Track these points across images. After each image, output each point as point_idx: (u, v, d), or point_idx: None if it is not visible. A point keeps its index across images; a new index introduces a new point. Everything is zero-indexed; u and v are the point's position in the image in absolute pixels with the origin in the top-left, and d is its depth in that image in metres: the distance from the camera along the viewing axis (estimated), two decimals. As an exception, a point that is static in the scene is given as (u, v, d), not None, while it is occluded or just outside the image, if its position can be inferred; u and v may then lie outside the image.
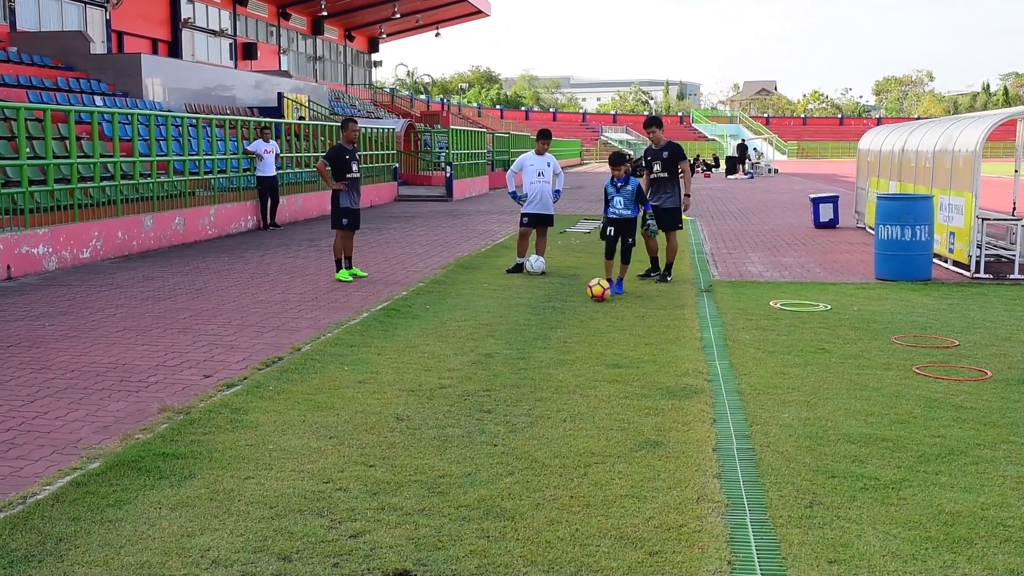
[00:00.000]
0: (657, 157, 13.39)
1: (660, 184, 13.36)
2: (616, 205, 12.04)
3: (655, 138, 13.50)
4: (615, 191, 12.06)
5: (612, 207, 12.05)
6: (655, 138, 13.50)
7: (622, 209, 12.01)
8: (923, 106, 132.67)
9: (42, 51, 26.98)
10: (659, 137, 13.52)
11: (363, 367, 8.00)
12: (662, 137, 13.57)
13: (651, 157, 13.48)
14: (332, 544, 4.49)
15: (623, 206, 12.01)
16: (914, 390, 7.29)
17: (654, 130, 13.58)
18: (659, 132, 13.58)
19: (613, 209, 12.05)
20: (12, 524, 4.66)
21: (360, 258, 14.80)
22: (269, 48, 48.02)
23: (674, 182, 13.34)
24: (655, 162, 13.39)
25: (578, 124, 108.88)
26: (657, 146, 13.45)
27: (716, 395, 7.19)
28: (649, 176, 13.47)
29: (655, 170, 13.38)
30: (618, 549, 4.45)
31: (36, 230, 14.02)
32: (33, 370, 7.95)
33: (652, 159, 13.46)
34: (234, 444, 5.96)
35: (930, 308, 10.92)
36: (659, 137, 13.52)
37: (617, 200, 12.04)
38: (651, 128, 13.64)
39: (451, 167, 32.91)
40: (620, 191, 12.04)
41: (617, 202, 12.03)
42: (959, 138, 14.29)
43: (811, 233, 20.24)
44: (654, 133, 13.55)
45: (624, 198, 12.02)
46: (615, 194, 12.06)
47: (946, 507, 4.95)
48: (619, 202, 12.02)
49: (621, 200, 12.02)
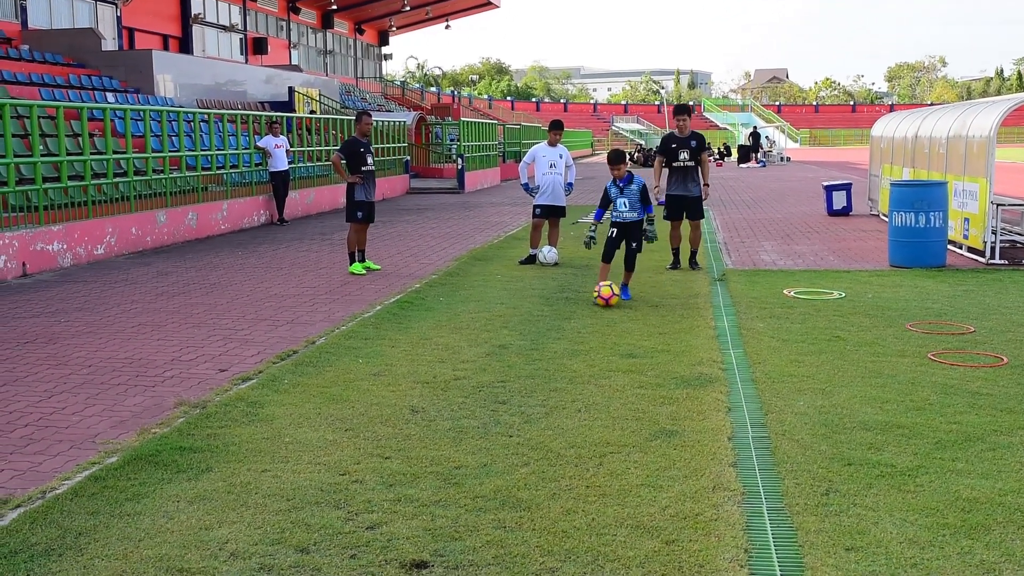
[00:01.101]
0: (684, 146, 13.14)
1: (685, 173, 13.16)
2: (620, 208, 10.82)
3: (684, 126, 13.27)
4: (618, 192, 10.84)
5: (615, 210, 10.86)
6: (684, 126, 13.27)
7: (627, 212, 10.79)
8: (936, 92, 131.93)
9: (54, 49, 27.07)
10: (687, 125, 13.32)
11: (378, 359, 8.02)
12: (689, 126, 13.39)
13: (676, 145, 13.19)
14: (349, 536, 4.51)
15: (628, 208, 10.78)
16: (930, 377, 7.26)
17: (685, 118, 13.38)
18: (689, 120, 13.42)
19: (616, 213, 10.86)
20: (32, 518, 4.70)
21: (373, 251, 14.82)
22: (279, 43, 48.05)
23: (697, 171, 13.19)
24: (682, 150, 13.13)
25: (589, 115, 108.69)
26: (683, 134, 13.21)
27: (731, 384, 7.19)
28: (670, 164, 13.23)
29: (681, 158, 13.12)
30: (634, 538, 4.46)
31: (50, 227, 14.09)
32: (50, 366, 8.00)
33: (678, 147, 13.16)
34: (250, 437, 5.98)
35: (945, 295, 10.88)
36: (687, 125, 13.32)
37: (621, 202, 10.80)
38: (683, 116, 13.43)
39: (462, 159, 32.90)
40: (624, 192, 10.81)
41: (621, 204, 10.80)
42: (973, 123, 14.21)
43: (824, 221, 20.17)
44: (684, 120, 13.34)
45: (629, 200, 10.78)
46: (618, 195, 10.83)
47: (963, 493, 4.94)
48: (623, 204, 10.78)
49: (626, 202, 10.78)
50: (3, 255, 13.02)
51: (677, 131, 13.31)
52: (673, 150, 13.20)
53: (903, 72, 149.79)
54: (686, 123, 13.31)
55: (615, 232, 10.83)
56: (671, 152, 13.21)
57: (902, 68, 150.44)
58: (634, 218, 10.79)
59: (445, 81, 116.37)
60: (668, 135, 13.56)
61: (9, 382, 7.48)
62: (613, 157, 10.87)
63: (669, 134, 13.53)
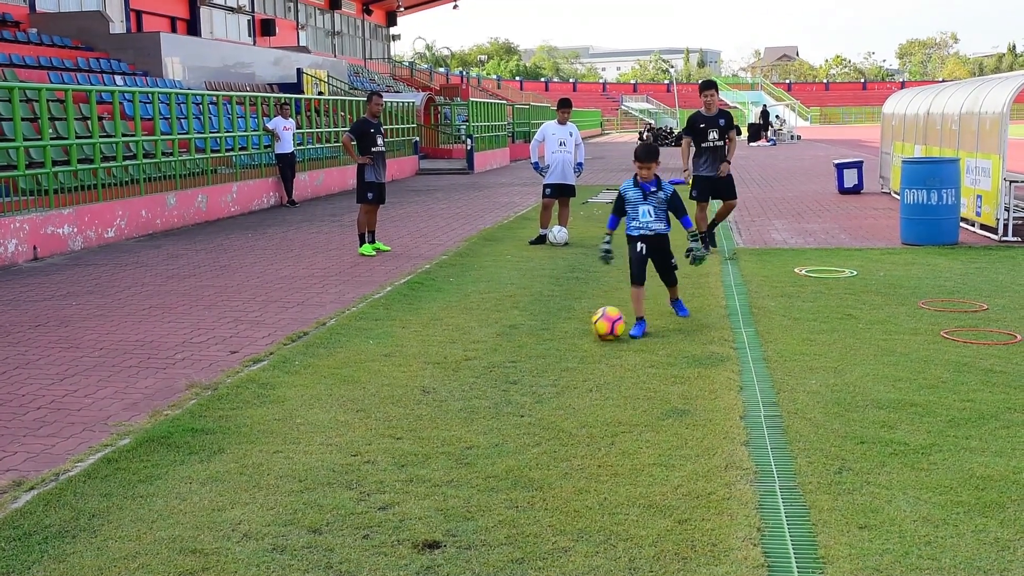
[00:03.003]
0: (713, 125, 12.45)
1: (715, 153, 12.49)
2: (643, 217, 8.46)
3: (711, 103, 12.53)
4: (641, 198, 8.43)
5: (638, 219, 8.50)
6: (711, 103, 12.53)
7: (652, 222, 8.48)
8: (948, 69, 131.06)
9: (62, 32, 27.05)
10: (715, 102, 12.60)
11: (388, 340, 8.02)
12: (716, 103, 12.68)
13: (705, 124, 12.47)
14: (362, 516, 4.51)
15: (653, 218, 8.47)
16: (942, 355, 7.23)
17: (712, 94, 12.64)
18: (716, 97, 12.69)
19: (639, 223, 8.50)
20: (46, 500, 4.71)
21: (383, 232, 14.81)
22: (287, 24, 47.95)
23: (725, 150, 12.58)
24: (711, 130, 12.44)
25: (598, 94, 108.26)
26: (710, 113, 12.52)
27: (743, 363, 7.16)
28: (698, 144, 12.55)
29: (711, 139, 12.44)
30: (647, 517, 4.45)
31: (61, 210, 14.10)
32: (62, 349, 8.02)
33: (707, 127, 12.45)
34: (262, 419, 5.99)
35: (957, 272, 10.82)
36: (715, 102, 12.60)
37: (645, 211, 8.45)
38: (709, 92, 12.65)
39: (471, 140, 32.82)
40: (649, 198, 8.43)
41: (645, 214, 8.45)
42: (985, 100, 14.10)
43: (835, 199, 20.08)
44: (712, 97, 12.59)
45: (654, 207, 8.46)
46: (641, 202, 8.44)
47: (977, 471, 4.92)
48: (647, 213, 8.46)
49: (650, 210, 8.45)
50: (14, 239, 13.05)
51: (704, 109, 12.61)
52: (702, 130, 12.49)
53: (914, 49, 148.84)
54: (713, 100, 12.57)
55: (644, 247, 8.52)
56: (700, 132, 12.52)
57: (913, 45, 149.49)
58: (661, 230, 8.56)
59: (454, 61, 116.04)
60: (695, 115, 12.79)
61: (21, 365, 7.50)
62: (643, 153, 8.42)
63: (696, 113, 12.78)
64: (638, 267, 8.48)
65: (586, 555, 4.10)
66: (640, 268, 8.46)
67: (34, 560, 4.11)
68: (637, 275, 8.46)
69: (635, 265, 8.51)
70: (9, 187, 13.74)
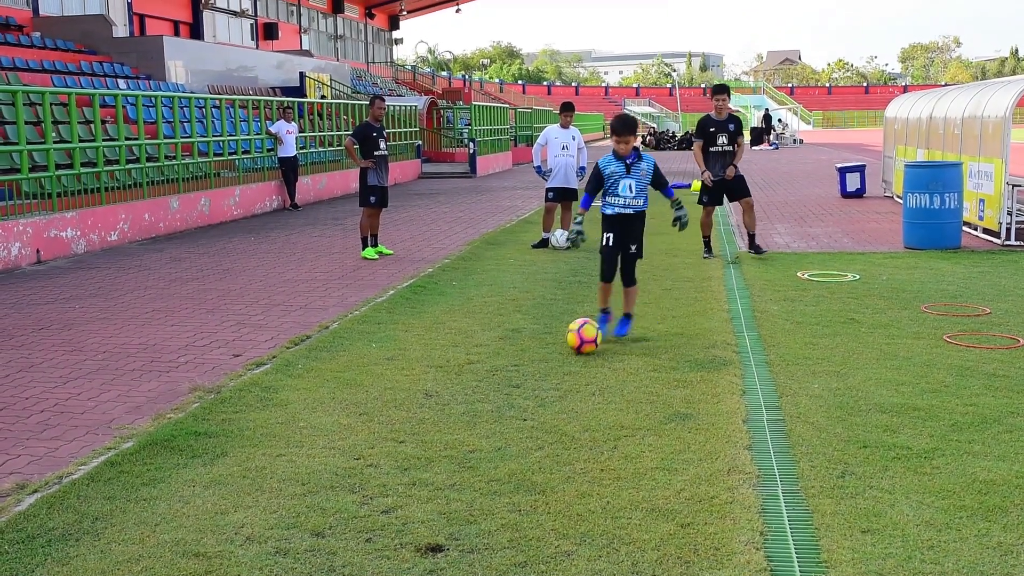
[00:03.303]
0: (723, 129, 12.35)
1: (723, 157, 12.37)
2: (623, 192, 7.97)
3: (722, 107, 12.41)
4: (624, 171, 7.97)
5: (616, 195, 8.00)
6: (722, 107, 12.41)
7: (633, 198, 8.00)
8: (950, 73, 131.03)
9: (65, 36, 27.07)
10: (726, 106, 12.47)
11: (391, 344, 8.02)
12: (727, 107, 12.55)
13: (715, 129, 12.36)
14: (364, 520, 4.51)
15: (635, 194, 7.99)
16: (945, 359, 7.22)
17: (724, 98, 12.45)
18: (727, 100, 12.55)
19: (617, 198, 8.00)
20: (49, 503, 4.72)
21: (385, 236, 14.82)
22: (290, 28, 47.98)
23: (735, 155, 12.46)
24: (720, 134, 12.32)
25: (600, 98, 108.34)
26: (720, 117, 12.42)
27: (745, 367, 7.16)
28: (707, 148, 12.42)
29: (720, 143, 12.33)
30: (650, 521, 4.45)
31: (64, 214, 14.12)
32: (65, 352, 8.03)
33: (716, 131, 12.34)
34: (265, 422, 6.00)
35: (960, 276, 10.82)
36: (726, 106, 12.47)
37: (626, 185, 7.96)
38: (721, 96, 12.45)
39: (474, 143, 32.84)
40: (632, 171, 7.97)
41: (625, 188, 7.96)
42: (988, 104, 14.10)
43: (838, 203, 20.07)
44: (723, 101, 12.43)
45: (636, 181, 7.98)
46: (623, 175, 7.96)
47: (980, 476, 4.91)
48: (628, 188, 7.96)
49: (632, 184, 7.96)
50: (17, 242, 13.07)
51: (714, 113, 12.48)
52: (711, 134, 12.38)
53: (917, 53, 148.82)
54: (724, 104, 12.43)
55: (612, 238, 8.07)
56: (709, 136, 12.41)
57: (916, 49, 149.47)
58: (640, 207, 8.09)
59: (456, 65, 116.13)
60: (705, 118, 12.65)
61: (25, 368, 7.51)
62: (619, 126, 7.97)
63: (706, 117, 12.64)
64: (608, 261, 8.10)
65: (589, 559, 4.10)
66: (610, 262, 8.10)
67: (37, 563, 4.11)
68: (607, 271, 8.10)
69: (605, 258, 8.11)
70: (12, 190, 13.75)
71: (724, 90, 12.67)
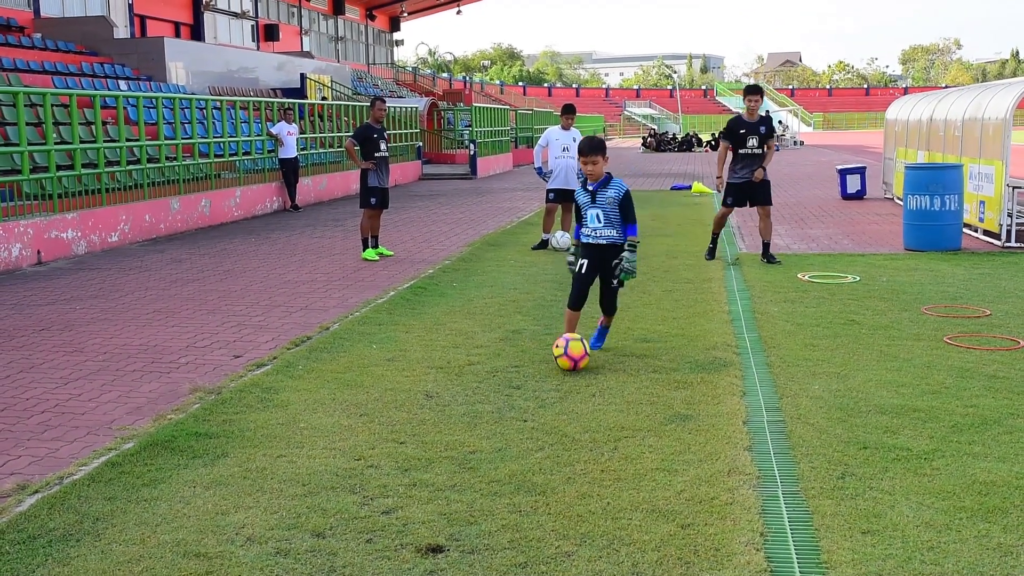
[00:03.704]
0: (754, 132, 11.93)
1: (753, 160, 11.98)
2: (592, 222, 7.38)
3: (754, 108, 11.97)
4: (588, 200, 7.38)
5: (587, 224, 7.44)
6: (754, 108, 11.97)
7: (601, 228, 7.35)
8: (951, 75, 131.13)
9: (66, 37, 27.10)
10: (757, 108, 12.03)
11: (391, 345, 8.03)
12: (759, 108, 12.12)
13: (745, 131, 11.94)
14: (365, 520, 4.52)
15: (602, 223, 7.34)
16: (945, 360, 7.23)
17: (757, 99, 12.03)
18: (760, 103, 12.10)
19: (587, 228, 7.44)
20: (50, 504, 4.72)
21: (386, 237, 14.82)
22: (291, 29, 48.01)
23: (764, 158, 12.07)
24: (751, 136, 11.92)
25: (601, 100, 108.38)
26: (751, 119, 11.99)
27: (745, 368, 7.17)
28: (736, 151, 12.05)
29: (750, 145, 11.93)
30: (650, 522, 4.46)
31: (65, 215, 14.13)
32: (66, 353, 8.04)
33: (747, 133, 11.93)
34: (265, 423, 6.00)
35: (960, 278, 10.82)
36: (757, 108, 12.03)
37: (593, 215, 7.35)
38: (754, 97, 12.03)
39: (475, 145, 32.86)
40: (597, 200, 7.31)
41: (593, 218, 7.36)
42: (988, 106, 14.11)
43: (838, 205, 20.08)
44: (756, 102, 11.99)
45: (603, 211, 7.32)
46: (589, 205, 7.37)
47: (980, 477, 4.92)
48: (595, 218, 7.35)
49: (599, 214, 7.32)
50: (18, 243, 13.08)
51: (745, 114, 12.08)
52: (741, 136, 11.96)
53: (917, 55, 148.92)
54: (757, 105, 11.98)
55: (586, 264, 7.46)
56: (739, 138, 11.98)
57: (916, 51, 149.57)
58: (612, 238, 7.37)
59: (457, 67, 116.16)
60: (735, 119, 12.24)
61: (26, 369, 7.52)
62: (585, 146, 7.37)
63: (736, 118, 12.22)
64: (577, 288, 7.47)
65: (589, 560, 4.10)
66: (582, 289, 7.45)
67: (38, 563, 4.12)
68: (575, 297, 7.46)
69: (574, 284, 7.50)
70: (13, 191, 13.77)
71: (757, 91, 12.26)
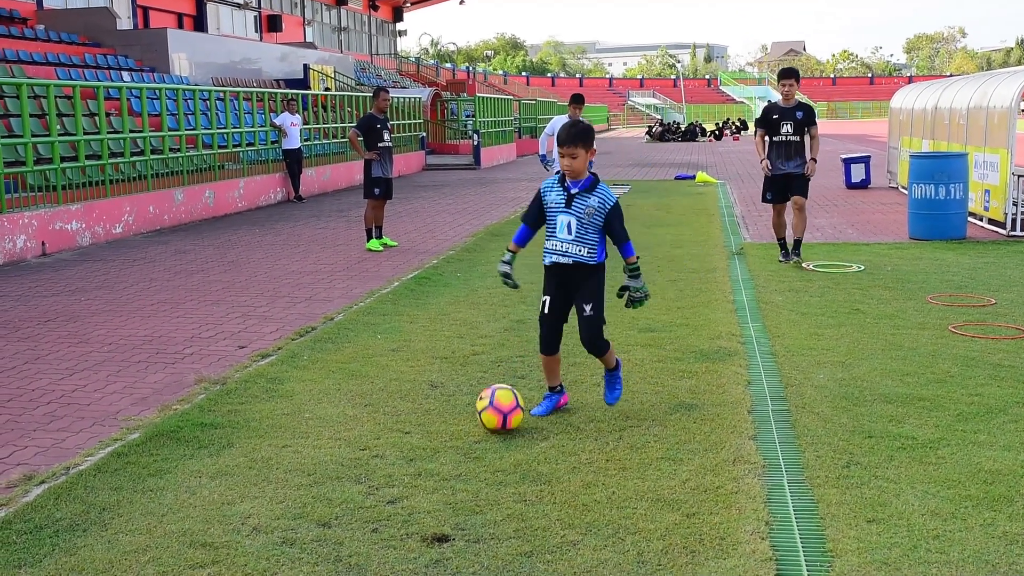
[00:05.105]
0: (788, 117, 11.14)
1: (789, 149, 11.19)
2: (560, 233, 5.64)
3: (790, 93, 11.22)
4: (561, 202, 5.62)
5: (554, 235, 5.69)
6: (790, 93, 11.22)
7: (570, 244, 5.62)
8: (955, 63, 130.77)
9: (69, 28, 27.10)
10: (793, 93, 11.26)
11: (396, 335, 8.03)
12: (795, 93, 11.36)
13: (779, 116, 11.18)
14: (370, 510, 4.52)
15: (574, 236, 5.60)
16: (951, 349, 7.22)
17: (792, 83, 11.26)
18: (796, 87, 11.33)
19: (553, 241, 5.69)
20: (56, 494, 4.74)
21: (390, 227, 14.82)
22: (294, 20, 47.95)
23: (802, 146, 11.27)
24: (785, 122, 11.13)
25: (604, 89, 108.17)
26: (787, 104, 11.22)
27: (750, 357, 7.16)
28: (771, 138, 11.27)
29: (784, 132, 11.15)
30: (655, 511, 4.46)
31: (69, 206, 14.14)
32: (71, 344, 8.05)
33: (781, 119, 11.16)
34: (271, 413, 6.01)
35: (965, 267, 10.80)
36: (793, 93, 11.26)
37: (564, 224, 5.62)
38: (789, 81, 11.26)
39: (478, 135, 32.82)
40: (574, 204, 5.59)
41: (563, 228, 5.62)
42: (994, 94, 14.07)
43: (843, 194, 20.04)
44: (792, 87, 11.25)
45: (579, 219, 5.59)
46: (561, 209, 5.63)
47: (985, 465, 4.91)
48: (566, 228, 5.61)
49: (572, 224, 5.59)
50: (23, 235, 13.09)
51: (781, 99, 11.35)
52: (775, 122, 11.23)
53: (922, 43, 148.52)
54: (792, 90, 11.22)
55: (548, 303, 5.84)
56: (772, 124, 11.26)
57: (921, 39, 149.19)
58: (580, 258, 5.64)
59: (460, 57, 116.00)
60: (769, 106, 11.53)
61: (31, 360, 7.53)
62: (564, 135, 5.61)
63: (770, 104, 11.52)
64: (547, 329, 5.87)
65: (594, 549, 4.11)
66: (548, 331, 5.86)
67: (45, 553, 4.13)
68: (545, 339, 5.88)
69: (542, 325, 5.89)
70: (17, 183, 13.78)
71: (791, 74, 11.47)
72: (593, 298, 5.74)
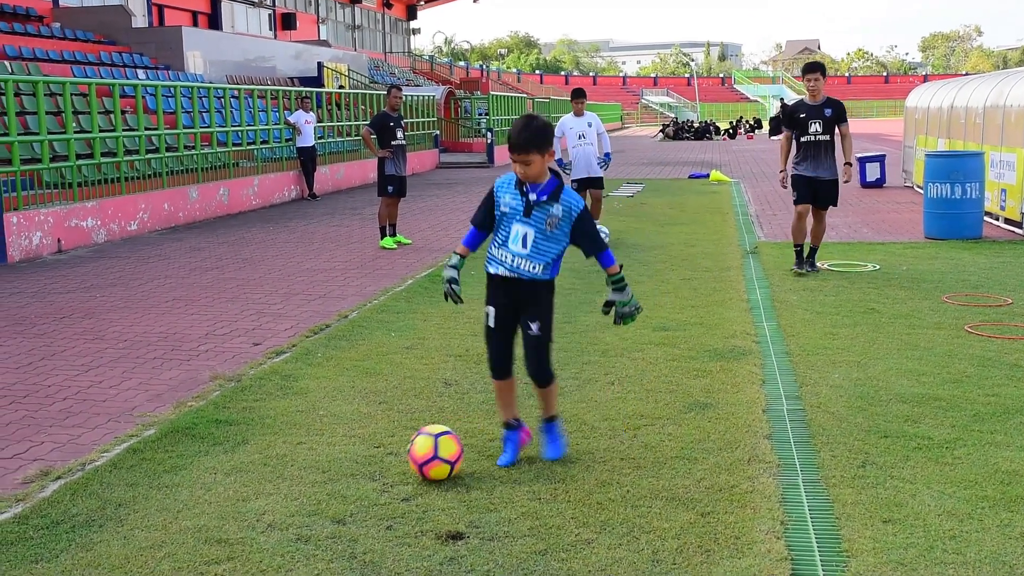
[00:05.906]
0: (816, 115, 10.41)
1: (817, 149, 10.45)
2: (512, 245, 4.98)
3: (815, 89, 10.48)
4: (518, 208, 4.91)
5: (504, 244, 5.03)
6: (815, 89, 10.48)
7: (524, 257, 4.96)
8: (971, 62, 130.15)
9: (84, 26, 27.21)
10: (820, 89, 10.51)
11: (410, 333, 8.04)
12: (823, 89, 10.60)
13: (806, 114, 10.45)
14: (385, 507, 4.53)
15: (528, 250, 4.94)
16: (966, 349, 7.18)
17: (817, 78, 10.52)
18: (822, 82, 10.58)
19: (502, 251, 5.04)
20: (73, 490, 4.76)
21: (403, 225, 14.83)
22: (308, 18, 48.03)
23: (833, 147, 10.53)
24: (813, 121, 10.40)
25: (618, 88, 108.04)
26: (814, 101, 10.50)
27: (765, 356, 7.14)
28: (798, 138, 10.58)
29: (812, 131, 10.43)
30: (670, 510, 4.45)
31: (84, 203, 14.20)
32: (87, 340, 8.08)
33: (808, 117, 10.44)
34: (285, 410, 6.02)
35: (981, 266, 10.75)
36: (820, 89, 10.51)
37: (518, 235, 4.94)
38: (814, 75, 10.53)
39: (492, 133, 32.83)
40: (533, 213, 4.89)
41: (516, 238, 4.95)
42: (1011, 93, 13.99)
43: (858, 193, 19.96)
44: (817, 82, 10.50)
45: (535, 231, 4.91)
46: (517, 217, 4.91)
47: (1002, 466, 4.89)
48: (520, 239, 4.94)
49: (527, 236, 4.92)
50: (39, 231, 13.15)
51: (808, 97, 10.63)
52: (802, 121, 10.48)
53: (937, 42, 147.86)
54: (818, 85, 10.47)
55: (493, 314, 5.19)
56: (799, 123, 10.52)
57: (936, 38, 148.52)
58: (534, 275, 5.02)
59: (473, 55, 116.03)
60: (796, 103, 10.90)
61: (47, 356, 7.57)
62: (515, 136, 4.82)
63: (798, 101, 10.87)
64: (494, 347, 5.18)
65: (609, 547, 4.10)
66: (497, 350, 5.17)
67: (62, 548, 4.15)
68: (495, 360, 5.18)
69: (488, 342, 5.22)
70: (34, 180, 13.85)
71: (816, 68, 10.69)
72: (542, 316, 5.07)
